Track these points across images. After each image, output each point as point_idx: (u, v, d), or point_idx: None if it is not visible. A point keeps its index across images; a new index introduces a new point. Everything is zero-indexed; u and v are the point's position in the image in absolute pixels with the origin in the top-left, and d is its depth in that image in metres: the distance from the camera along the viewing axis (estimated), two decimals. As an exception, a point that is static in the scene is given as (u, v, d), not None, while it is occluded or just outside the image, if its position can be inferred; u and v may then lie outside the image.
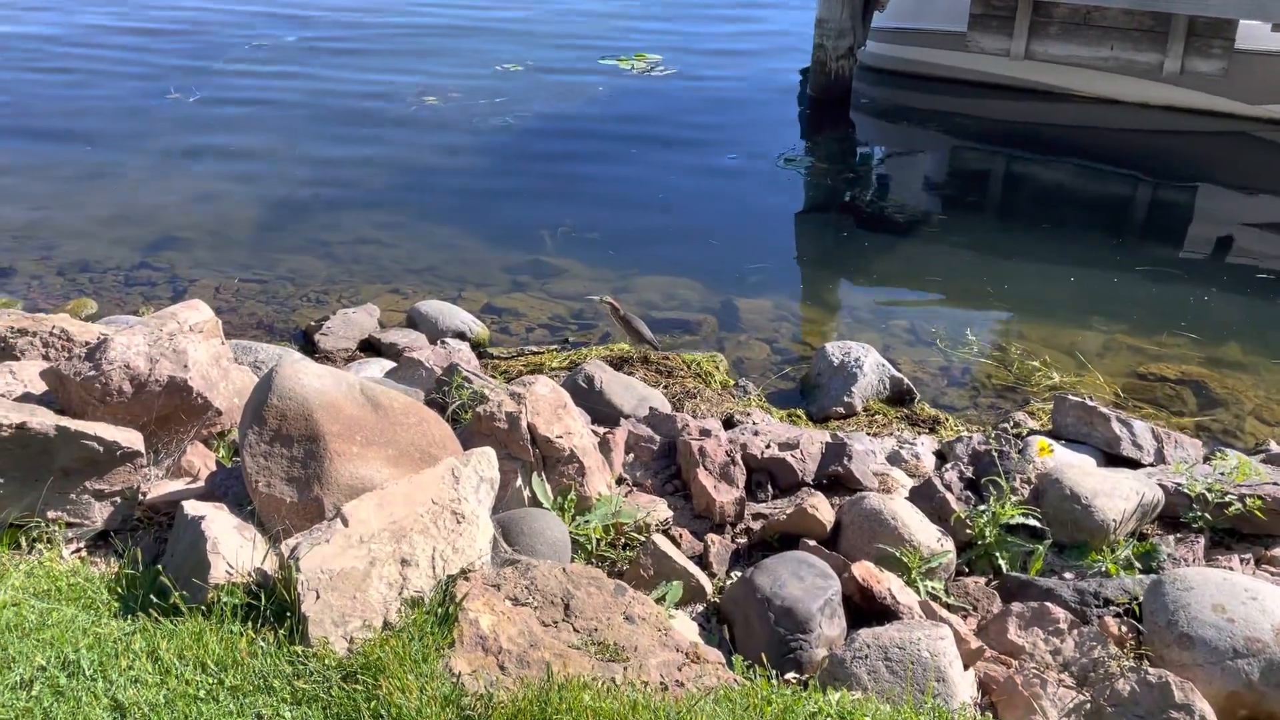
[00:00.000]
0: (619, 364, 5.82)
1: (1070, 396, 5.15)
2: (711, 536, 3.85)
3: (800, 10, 14.57)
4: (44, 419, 3.34)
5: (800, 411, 5.66)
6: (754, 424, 4.73)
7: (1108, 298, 7.19)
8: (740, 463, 4.10)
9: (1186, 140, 10.43)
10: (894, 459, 4.81)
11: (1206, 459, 4.78)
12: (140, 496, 3.52)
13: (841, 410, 5.61)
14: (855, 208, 8.96)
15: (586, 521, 3.66)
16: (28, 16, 14.78)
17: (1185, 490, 4.11)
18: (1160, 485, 4.10)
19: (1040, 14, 10.79)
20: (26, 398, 3.78)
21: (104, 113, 10.78)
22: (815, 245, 8.37)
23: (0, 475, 3.27)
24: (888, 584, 3.35)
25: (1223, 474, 4.25)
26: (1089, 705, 3.02)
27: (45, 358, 4.22)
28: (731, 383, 5.91)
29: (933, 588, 3.58)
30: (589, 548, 3.62)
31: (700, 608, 3.49)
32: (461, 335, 6.37)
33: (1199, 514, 4.05)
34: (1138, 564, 3.78)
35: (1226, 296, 7.29)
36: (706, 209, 8.65)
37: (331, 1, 15.86)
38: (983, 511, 3.89)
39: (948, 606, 3.54)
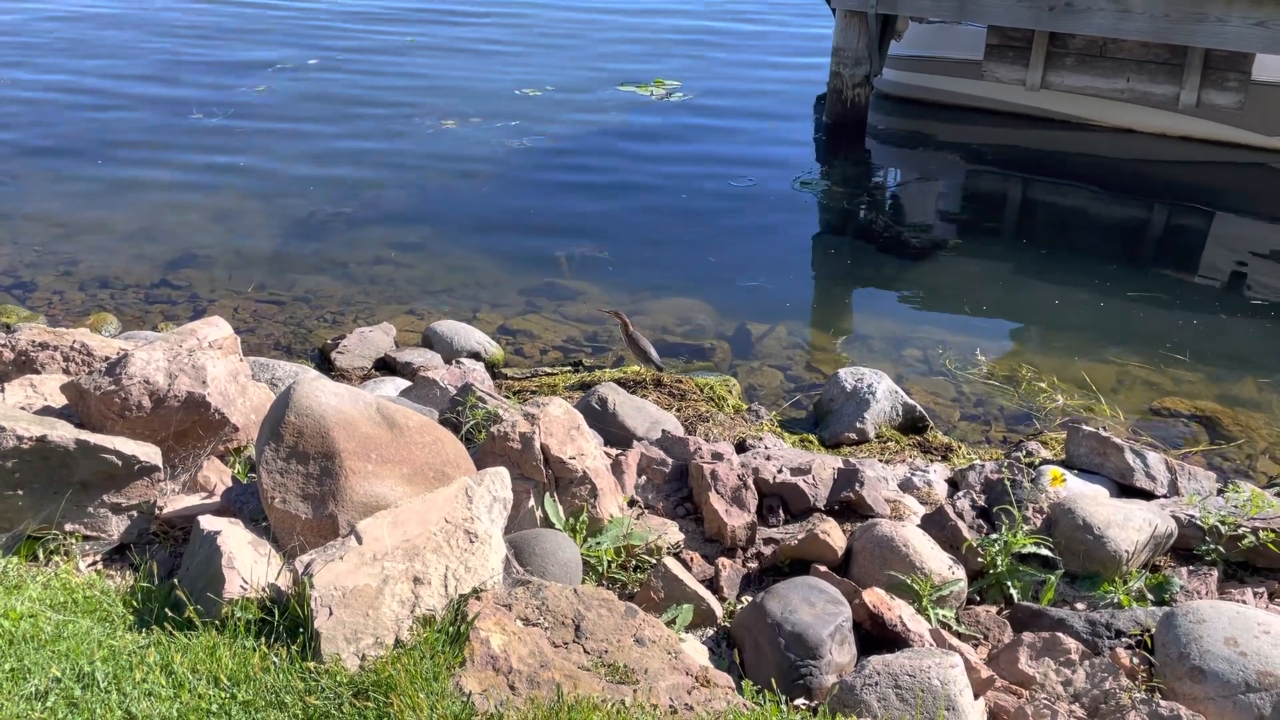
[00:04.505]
0: (632, 386, 5.84)
1: (1084, 426, 5.14)
2: (722, 560, 3.85)
3: (818, 38, 14.69)
4: (64, 432, 3.38)
5: (812, 437, 5.67)
6: (766, 448, 4.74)
7: (1122, 327, 7.18)
8: (752, 487, 4.10)
9: (1203, 171, 10.43)
10: (906, 486, 4.81)
11: (1220, 492, 4.75)
12: (157, 510, 3.55)
13: (854, 436, 5.62)
14: (870, 233, 8.99)
15: (598, 543, 3.67)
16: (53, 31, 15.04)
17: (1198, 522, 4.09)
18: (1173, 517, 4.09)
19: (1056, 45, 10.88)
20: (46, 411, 3.82)
21: (127, 131, 10.95)
22: (829, 269, 8.40)
23: (20, 487, 3.31)
24: (899, 611, 3.35)
25: (1236, 507, 4.23)
26: (1100, 737, 3.01)
27: (66, 371, 4.27)
28: (744, 407, 5.93)
29: (944, 616, 3.58)
30: (600, 569, 3.63)
31: (710, 631, 3.49)
32: (476, 355, 6.41)
33: (1212, 546, 4.03)
34: (1150, 596, 3.77)
35: (1242, 328, 7.27)
36: (722, 233, 8.71)
37: (353, 26, 16.07)
38: (995, 540, 3.89)
39: (959, 635, 3.54)
